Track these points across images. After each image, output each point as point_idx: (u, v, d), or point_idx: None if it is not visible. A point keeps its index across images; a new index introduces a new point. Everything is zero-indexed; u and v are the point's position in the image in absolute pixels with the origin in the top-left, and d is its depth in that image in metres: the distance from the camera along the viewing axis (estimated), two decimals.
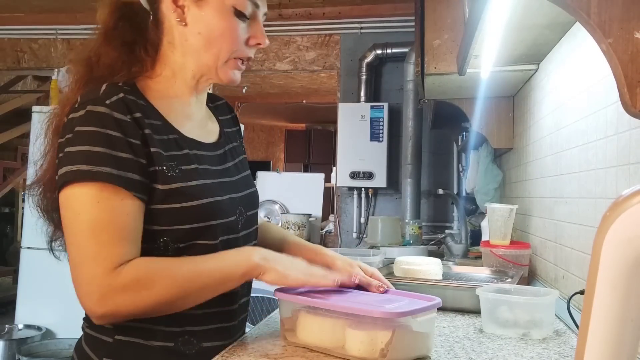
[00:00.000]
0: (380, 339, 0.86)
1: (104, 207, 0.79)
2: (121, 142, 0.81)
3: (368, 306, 0.90)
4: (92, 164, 0.79)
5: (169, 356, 0.87)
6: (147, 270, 0.80)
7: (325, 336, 0.92)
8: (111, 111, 0.81)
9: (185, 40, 0.91)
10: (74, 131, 0.81)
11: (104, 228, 0.79)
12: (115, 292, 0.78)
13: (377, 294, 1.01)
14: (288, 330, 0.98)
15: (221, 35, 0.90)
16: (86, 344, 0.91)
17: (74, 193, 0.80)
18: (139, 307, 0.80)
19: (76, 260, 0.80)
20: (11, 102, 5.20)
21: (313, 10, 3.92)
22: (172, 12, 0.90)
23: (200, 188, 0.88)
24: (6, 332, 3.44)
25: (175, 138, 0.90)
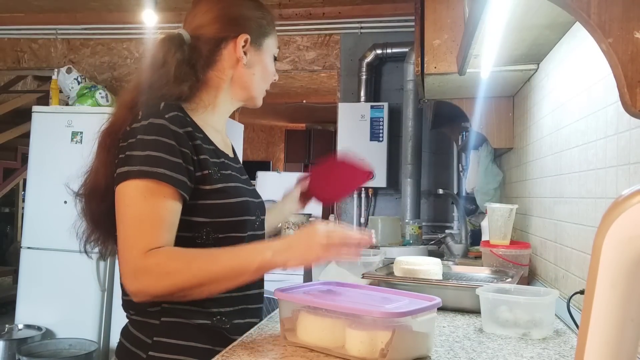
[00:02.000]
0: (380, 339, 0.86)
1: (152, 201, 0.94)
2: (175, 149, 0.97)
3: (368, 306, 0.90)
4: (149, 165, 0.94)
5: (207, 331, 1.02)
6: (169, 257, 0.93)
7: (325, 336, 0.92)
8: (169, 124, 0.98)
9: (239, 77, 1.13)
10: (136, 138, 0.97)
11: (145, 219, 0.93)
12: (141, 272, 0.92)
13: (376, 295, 1.01)
14: (288, 330, 0.98)
15: (267, 76, 1.18)
16: (134, 329, 1.03)
17: (128, 188, 0.94)
18: (159, 289, 0.93)
19: (121, 246, 0.95)
20: (11, 102, 5.20)
21: (313, 10, 3.92)
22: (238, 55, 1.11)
23: (237, 189, 1.08)
24: (6, 332, 3.44)
25: (214, 149, 1.08)
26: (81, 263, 3.47)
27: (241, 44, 1.11)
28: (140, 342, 1.01)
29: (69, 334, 3.41)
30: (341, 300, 0.97)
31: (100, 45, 4.33)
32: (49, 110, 3.66)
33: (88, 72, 4.27)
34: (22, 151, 5.52)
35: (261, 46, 1.15)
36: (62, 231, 3.69)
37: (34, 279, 3.52)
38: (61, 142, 3.54)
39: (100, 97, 3.67)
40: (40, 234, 3.53)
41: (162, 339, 1.00)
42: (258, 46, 1.14)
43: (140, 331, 1.02)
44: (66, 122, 3.57)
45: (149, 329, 1.01)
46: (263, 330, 1.09)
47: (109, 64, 4.31)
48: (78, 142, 3.54)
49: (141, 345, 1.01)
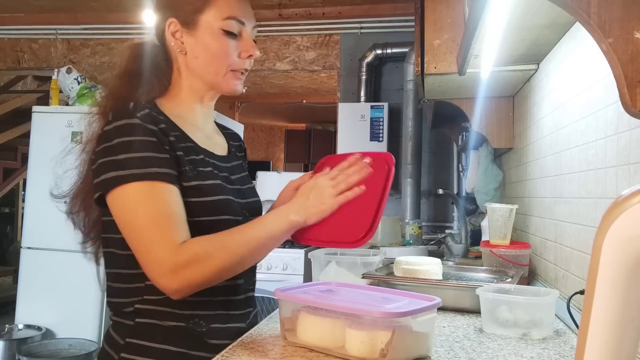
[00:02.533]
0: (380, 339, 0.86)
1: (159, 199, 0.91)
2: (158, 146, 0.94)
3: (368, 306, 0.90)
4: (139, 167, 0.91)
5: (182, 334, 0.98)
6: (204, 245, 0.92)
7: (325, 336, 0.92)
8: (143, 122, 0.95)
9: (187, 65, 1.06)
10: (114, 141, 0.93)
11: (163, 217, 0.91)
12: (182, 267, 0.90)
13: (376, 295, 1.01)
14: (288, 330, 0.98)
15: (215, 55, 1.04)
16: (112, 330, 1.02)
17: (127, 193, 0.91)
18: (205, 276, 0.92)
19: (142, 249, 0.92)
20: (11, 102, 5.20)
21: (313, 10, 3.93)
22: (173, 44, 1.05)
23: (214, 186, 1.02)
24: (6, 332, 3.44)
25: (191, 146, 1.03)
26: (81, 263, 3.45)
27: (170, 30, 1.04)
28: (115, 343, 0.99)
29: (69, 334, 3.41)
30: (341, 300, 0.97)
31: (100, 45, 4.33)
32: (49, 110, 3.66)
33: (88, 72, 4.27)
34: (22, 151, 5.52)
35: (195, 25, 1.03)
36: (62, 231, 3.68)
37: (34, 279, 3.52)
38: (61, 142, 3.54)
39: None
40: (40, 234, 3.53)
41: (135, 340, 0.97)
42: (192, 26, 1.03)
43: (116, 332, 1.00)
44: (66, 122, 3.56)
45: (123, 329, 0.99)
46: (263, 330, 1.09)
47: (109, 64, 4.31)
48: (78, 142, 3.53)
49: (115, 346, 0.99)
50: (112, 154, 0.93)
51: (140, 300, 0.98)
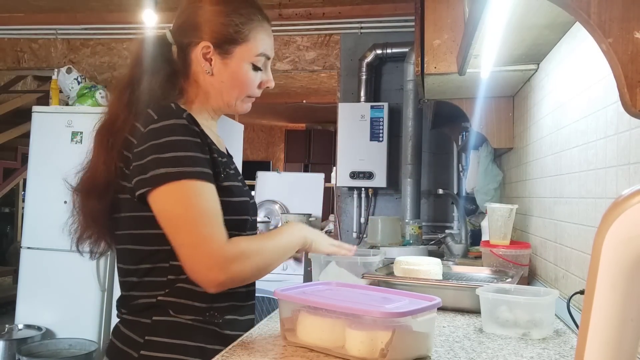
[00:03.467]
0: (380, 339, 0.86)
1: (207, 198, 0.96)
2: (202, 147, 0.99)
3: (368, 306, 0.90)
4: (190, 166, 0.95)
5: (200, 328, 1.02)
6: (246, 245, 1.00)
7: (325, 336, 0.92)
8: (190, 124, 0.99)
9: (210, 84, 1.11)
10: (161, 139, 0.96)
11: (212, 214, 0.96)
12: (230, 262, 0.95)
13: (376, 295, 1.02)
14: (288, 330, 0.98)
15: (240, 84, 1.12)
16: (125, 328, 1.04)
17: (178, 189, 0.95)
18: (247, 273, 0.99)
19: (192, 243, 0.94)
20: (11, 102, 5.20)
21: (313, 10, 3.92)
22: (202, 63, 1.09)
23: (239, 188, 1.09)
24: (6, 332, 3.44)
25: (216, 148, 1.08)
26: (81, 263, 3.46)
27: (202, 50, 1.08)
28: (132, 341, 1.01)
29: (69, 334, 3.41)
30: (341, 300, 0.97)
31: (100, 45, 4.33)
32: (49, 110, 3.66)
33: (88, 72, 4.27)
34: (22, 151, 5.53)
35: (230, 54, 1.09)
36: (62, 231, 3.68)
37: (34, 279, 3.52)
38: (61, 142, 3.54)
39: (100, 97, 3.67)
40: (40, 234, 3.53)
41: (154, 337, 0.99)
42: (226, 54, 1.09)
43: (132, 330, 1.02)
44: (66, 122, 3.57)
45: (141, 327, 1.01)
46: (263, 330, 1.09)
47: (109, 64, 4.31)
48: (78, 142, 3.54)
49: (133, 344, 1.00)
50: (161, 152, 0.95)
51: (160, 294, 1.00)
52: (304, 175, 5.40)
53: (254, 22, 1.10)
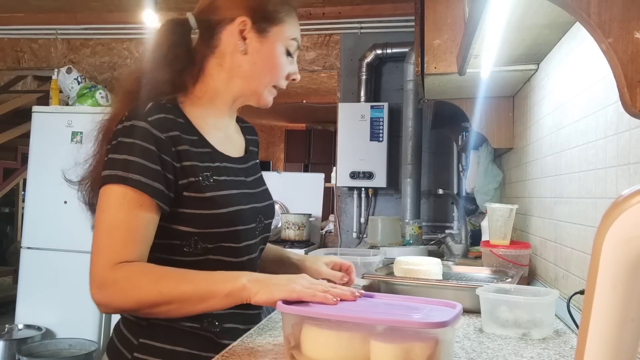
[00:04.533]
0: (415, 352, 0.76)
1: (124, 209, 0.90)
2: (154, 155, 0.92)
3: (399, 316, 0.80)
4: (126, 171, 0.90)
5: (195, 336, 0.99)
6: (139, 272, 0.89)
7: (342, 352, 0.80)
8: (151, 127, 0.93)
9: (238, 66, 1.04)
10: (117, 140, 0.93)
11: (118, 227, 0.89)
12: (107, 285, 0.88)
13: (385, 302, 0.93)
14: (295, 348, 0.86)
15: (272, 68, 1.06)
16: (124, 327, 1.02)
17: (106, 193, 0.91)
18: (124, 303, 0.90)
19: (92, 250, 0.90)
20: (11, 102, 5.20)
21: (313, 10, 3.92)
22: (236, 40, 1.03)
23: (229, 197, 1.00)
24: (6, 332, 3.44)
25: (209, 152, 1.02)
26: (81, 263, 3.46)
27: (239, 27, 1.03)
28: (128, 342, 1.00)
29: (69, 334, 3.41)
30: (358, 310, 0.85)
31: (100, 45, 4.33)
32: (49, 110, 3.66)
33: (88, 72, 4.27)
34: (22, 151, 5.52)
35: (267, 33, 1.04)
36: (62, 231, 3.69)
37: (34, 279, 3.52)
38: (61, 142, 3.54)
39: (100, 97, 3.67)
40: (40, 234, 3.53)
41: (148, 341, 0.98)
42: (262, 33, 1.04)
43: (129, 331, 1.01)
44: (66, 122, 3.57)
45: (137, 329, 0.99)
46: (263, 330, 1.09)
47: (109, 64, 4.31)
48: (78, 142, 3.54)
49: (128, 345, 0.99)
50: (112, 152, 0.93)
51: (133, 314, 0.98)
52: (304, 175, 5.40)
53: (286, 6, 1.07)
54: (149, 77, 1.02)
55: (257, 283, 0.90)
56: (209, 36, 1.04)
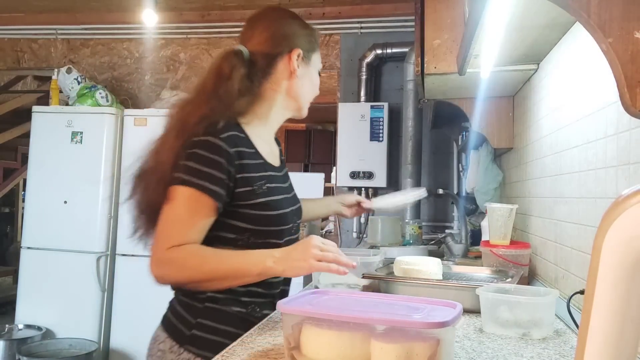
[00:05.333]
0: (416, 352, 0.76)
1: (188, 206, 1.11)
2: (222, 167, 1.12)
3: (400, 316, 0.80)
4: (197, 178, 1.10)
5: (241, 319, 1.18)
6: (189, 254, 1.10)
7: (345, 352, 0.81)
8: (222, 143, 1.12)
9: (290, 88, 1.28)
10: (194, 151, 1.12)
11: (180, 219, 1.11)
12: (164, 263, 1.10)
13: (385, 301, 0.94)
14: (295, 349, 0.86)
15: (314, 88, 1.35)
16: (181, 307, 1.19)
17: (177, 191, 1.11)
18: (176, 278, 1.12)
19: (155, 235, 1.13)
20: (11, 102, 5.19)
21: (313, 10, 3.92)
22: (290, 68, 1.26)
23: (278, 202, 1.21)
24: (6, 332, 3.44)
25: (262, 163, 1.22)
26: (81, 263, 3.47)
27: (295, 57, 1.26)
28: (185, 321, 1.17)
29: (69, 334, 3.41)
30: (360, 310, 0.85)
31: (100, 45, 4.33)
32: (49, 110, 3.66)
33: (88, 72, 4.27)
34: (22, 151, 5.52)
35: (310, 60, 1.31)
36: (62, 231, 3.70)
37: (34, 279, 3.52)
38: (61, 142, 3.54)
39: (100, 97, 3.67)
40: (40, 234, 3.53)
41: (204, 321, 1.16)
42: (307, 60, 1.30)
43: (187, 311, 1.18)
44: (66, 122, 3.57)
45: (195, 310, 1.17)
46: (263, 330, 1.10)
47: (109, 64, 4.31)
48: (78, 142, 3.54)
49: (186, 323, 1.17)
50: (187, 160, 1.11)
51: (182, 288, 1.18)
52: (304, 175, 5.40)
53: (316, 34, 1.36)
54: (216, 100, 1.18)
55: (281, 262, 1.09)
56: (266, 65, 1.25)
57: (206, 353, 1.11)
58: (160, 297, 1.29)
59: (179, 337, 1.16)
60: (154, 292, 1.28)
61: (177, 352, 1.15)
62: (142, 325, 3.29)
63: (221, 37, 4.14)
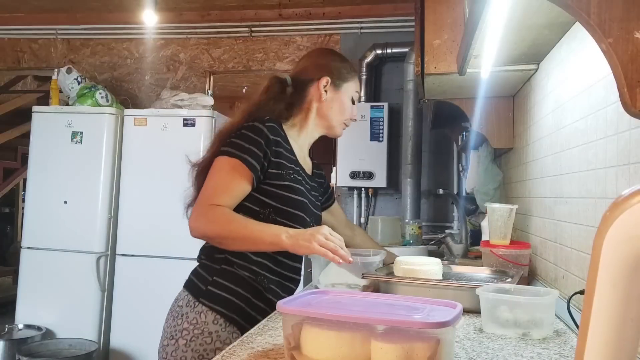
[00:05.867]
0: (416, 352, 0.76)
1: (229, 174, 1.33)
2: (261, 146, 1.35)
3: (400, 316, 0.81)
4: (239, 150, 1.34)
5: (250, 284, 1.36)
6: (221, 214, 1.30)
7: (345, 352, 0.81)
8: (265, 129, 1.38)
9: (320, 109, 1.53)
10: (241, 131, 1.37)
11: (221, 183, 1.33)
12: (200, 215, 1.30)
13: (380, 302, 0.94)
14: (295, 349, 0.86)
15: (343, 111, 1.56)
16: (201, 269, 1.41)
17: (220, 161, 1.35)
18: (207, 231, 1.31)
19: (200, 194, 1.34)
20: (11, 102, 5.20)
21: (313, 10, 3.92)
22: (320, 92, 1.51)
23: (301, 190, 1.43)
24: (6, 332, 3.44)
25: (294, 159, 1.46)
26: (81, 263, 3.47)
27: (323, 83, 1.51)
28: (203, 278, 1.37)
29: (69, 334, 3.41)
30: (360, 310, 0.85)
31: (100, 45, 4.33)
32: (49, 110, 3.66)
33: (88, 72, 4.27)
34: (22, 151, 5.53)
35: (340, 87, 1.53)
36: (62, 231, 3.70)
37: (34, 279, 3.52)
38: (61, 142, 3.54)
39: (100, 97, 3.66)
40: (40, 234, 3.53)
41: (219, 279, 1.35)
42: (337, 87, 1.53)
43: (205, 271, 1.38)
44: (66, 122, 3.57)
45: (212, 270, 1.37)
46: (263, 330, 1.09)
47: (109, 64, 4.31)
48: (78, 142, 3.54)
49: (204, 280, 1.37)
50: (234, 137, 1.36)
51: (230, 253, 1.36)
52: None
53: (353, 71, 1.58)
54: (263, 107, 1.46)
55: (291, 239, 1.27)
56: (302, 88, 1.52)
57: (217, 307, 1.32)
58: (160, 297, 1.30)
59: (196, 292, 1.35)
60: (154, 292, 1.30)
61: (192, 306, 1.33)
62: (142, 325, 3.31)
63: (221, 37, 4.14)
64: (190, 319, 1.32)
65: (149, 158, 3.47)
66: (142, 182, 3.47)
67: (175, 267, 2.81)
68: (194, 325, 1.31)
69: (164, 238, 3.33)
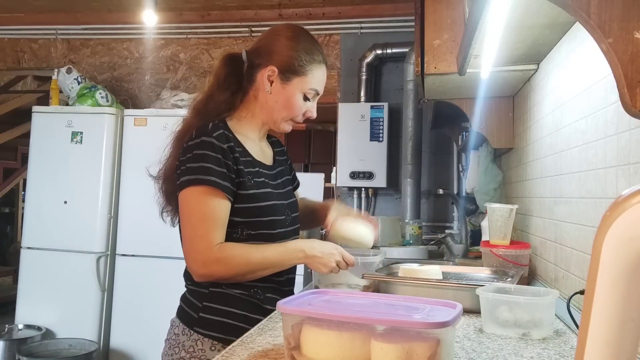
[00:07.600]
0: (416, 352, 0.76)
1: (209, 204, 1.20)
2: (220, 162, 1.22)
3: (400, 316, 0.81)
4: (204, 174, 1.20)
5: (245, 300, 1.28)
6: (233, 252, 1.22)
7: (346, 352, 0.80)
8: (215, 140, 1.23)
9: (265, 101, 1.33)
10: (192, 153, 1.22)
11: (209, 218, 1.20)
12: (212, 262, 1.20)
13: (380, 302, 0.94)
14: (295, 349, 0.86)
15: (290, 107, 1.33)
16: (189, 295, 1.31)
17: (191, 193, 1.21)
18: (225, 275, 1.23)
19: (189, 237, 1.22)
20: (11, 102, 5.19)
21: (313, 10, 3.92)
22: (265, 82, 1.32)
23: (267, 194, 1.31)
24: (6, 332, 3.44)
25: (250, 160, 1.31)
26: (81, 263, 3.47)
27: (268, 73, 1.31)
28: (194, 305, 1.28)
29: (69, 334, 3.41)
30: (360, 311, 0.85)
31: (100, 45, 4.33)
32: (49, 110, 3.66)
33: (88, 72, 4.27)
34: (22, 151, 5.52)
35: (289, 81, 1.31)
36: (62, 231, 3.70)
37: (34, 279, 3.52)
38: (61, 142, 3.54)
39: (100, 97, 3.66)
40: (40, 234, 3.52)
41: (210, 304, 1.26)
42: (285, 80, 1.31)
43: (194, 297, 1.29)
44: (66, 122, 3.56)
45: (200, 295, 1.27)
46: (263, 329, 1.09)
47: (109, 64, 4.31)
48: (78, 142, 3.53)
49: (194, 307, 1.27)
50: (188, 163, 1.22)
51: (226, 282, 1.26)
52: (304, 175, 5.38)
53: (314, 62, 1.33)
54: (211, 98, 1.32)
55: (308, 259, 1.28)
56: (251, 73, 1.34)
57: (213, 333, 1.24)
58: (160, 297, 1.30)
59: (188, 321, 1.27)
60: (154, 292, 1.30)
61: (188, 335, 1.26)
62: (142, 325, 3.31)
63: (221, 37, 4.14)
64: (187, 347, 1.25)
65: (149, 158, 3.46)
66: (142, 182, 3.44)
67: (176, 267, 2.80)
68: (191, 354, 1.24)
69: (164, 238, 3.31)
